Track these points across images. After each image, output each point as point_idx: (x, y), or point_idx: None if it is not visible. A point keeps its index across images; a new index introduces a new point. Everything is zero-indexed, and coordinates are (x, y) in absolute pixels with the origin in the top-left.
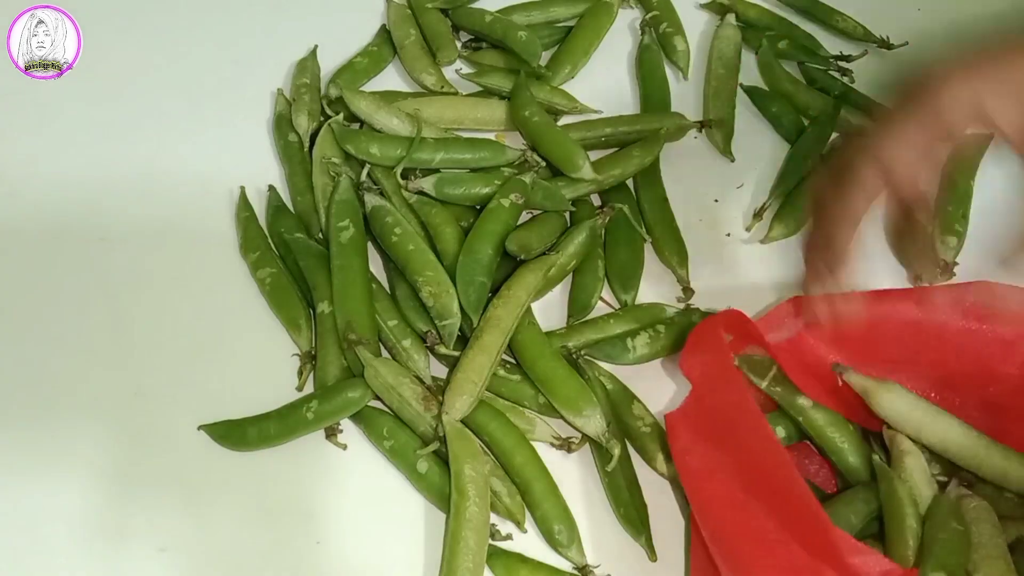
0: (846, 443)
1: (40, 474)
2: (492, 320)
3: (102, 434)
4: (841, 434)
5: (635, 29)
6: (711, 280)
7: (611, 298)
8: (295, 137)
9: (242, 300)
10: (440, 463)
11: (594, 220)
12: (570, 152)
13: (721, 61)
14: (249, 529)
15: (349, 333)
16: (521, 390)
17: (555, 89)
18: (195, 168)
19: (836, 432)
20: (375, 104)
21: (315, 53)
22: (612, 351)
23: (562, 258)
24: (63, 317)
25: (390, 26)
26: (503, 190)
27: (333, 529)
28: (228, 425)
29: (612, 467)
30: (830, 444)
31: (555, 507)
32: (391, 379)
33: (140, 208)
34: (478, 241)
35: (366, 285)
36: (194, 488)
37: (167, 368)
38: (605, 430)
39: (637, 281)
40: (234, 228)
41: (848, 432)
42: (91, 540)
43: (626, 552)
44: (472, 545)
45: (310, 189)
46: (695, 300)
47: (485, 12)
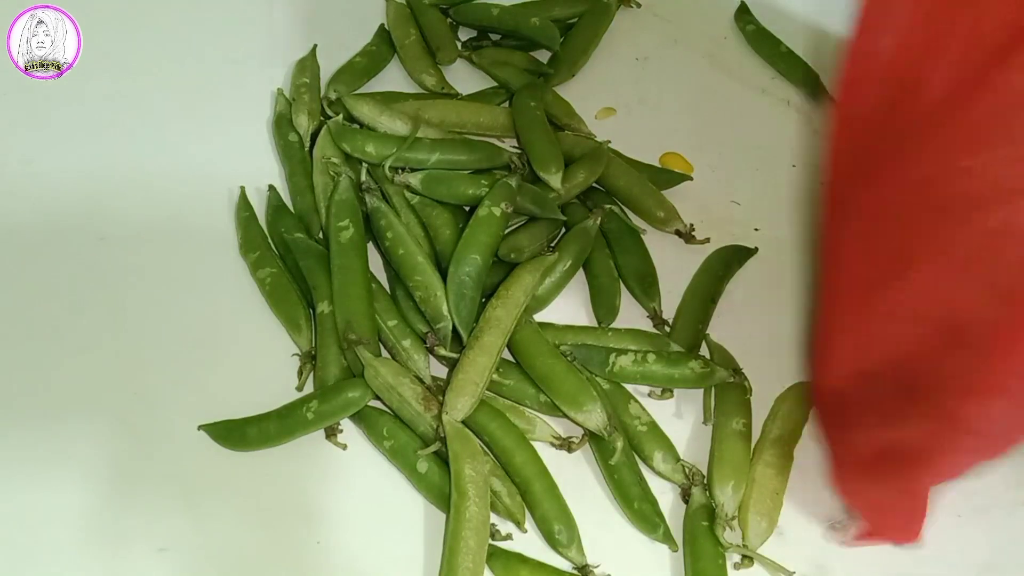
0: None
1: (40, 474)
2: (492, 321)
3: (102, 434)
4: None
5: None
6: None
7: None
8: (295, 137)
9: (242, 300)
10: (440, 463)
11: (587, 220)
12: (548, 157)
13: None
14: (249, 529)
15: (349, 333)
16: (522, 389)
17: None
18: (195, 168)
19: None
20: (377, 108)
21: (315, 53)
22: (592, 358)
23: (560, 259)
24: (63, 317)
25: (390, 26)
26: (492, 195)
27: (333, 529)
28: (228, 425)
29: (616, 460)
30: None
31: (555, 507)
32: (391, 379)
33: (140, 208)
34: (468, 252)
35: (366, 285)
36: (194, 488)
37: (167, 368)
38: (607, 424)
39: (656, 286)
40: (234, 228)
41: None
42: (91, 540)
43: (626, 552)
44: (472, 545)
45: (310, 189)
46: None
47: (491, 6)
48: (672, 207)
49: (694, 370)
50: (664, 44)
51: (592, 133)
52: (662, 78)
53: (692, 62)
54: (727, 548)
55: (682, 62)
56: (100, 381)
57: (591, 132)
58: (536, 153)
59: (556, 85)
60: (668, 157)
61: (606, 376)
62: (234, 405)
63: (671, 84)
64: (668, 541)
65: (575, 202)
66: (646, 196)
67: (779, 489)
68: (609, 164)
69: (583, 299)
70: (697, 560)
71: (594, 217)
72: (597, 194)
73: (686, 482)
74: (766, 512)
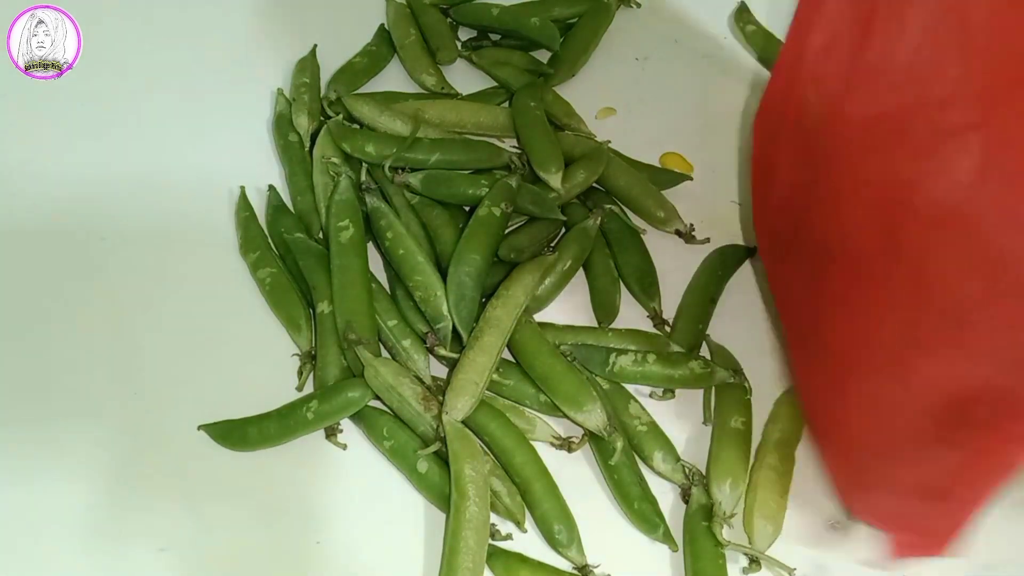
0: None
1: (40, 474)
2: (492, 321)
3: (102, 434)
4: None
5: (635, 29)
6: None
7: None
8: (295, 137)
9: (242, 300)
10: (440, 463)
11: (587, 220)
12: (548, 157)
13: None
14: (249, 529)
15: (349, 333)
16: (521, 389)
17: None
18: (195, 168)
19: None
20: (377, 108)
21: (315, 53)
22: (592, 358)
23: (560, 259)
24: (63, 317)
25: (389, 26)
26: (492, 195)
27: (333, 529)
28: (228, 425)
29: (616, 460)
30: None
31: (555, 507)
32: (391, 379)
33: (140, 208)
34: (468, 252)
35: (366, 285)
36: (194, 488)
37: (167, 368)
38: (607, 423)
39: (656, 286)
40: (234, 228)
41: None
42: (91, 540)
43: (626, 552)
44: (472, 545)
45: (310, 189)
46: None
47: (491, 6)
48: (672, 207)
49: (694, 370)
50: (664, 44)
51: (592, 133)
52: (662, 78)
53: (692, 62)
54: (725, 546)
55: (682, 62)
56: (100, 381)
57: (591, 132)
58: (536, 153)
59: (556, 85)
60: (668, 157)
61: (606, 376)
62: (234, 405)
63: (671, 84)
64: (668, 541)
65: (575, 202)
66: (646, 196)
67: (783, 492)
68: (609, 164)
69: (583, 299)
70: (697, 560)
71: (594, 217)
72: (597, 194)
73: (686, 482)
74: (771, 516)
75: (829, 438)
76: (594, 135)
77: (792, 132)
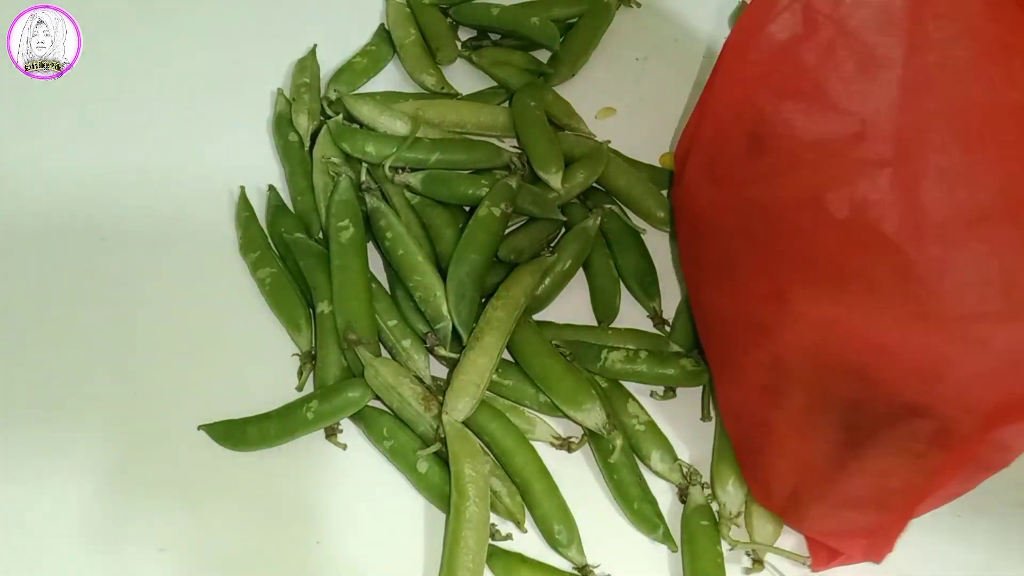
0: None
1: (40, 474)
2: (492, 322)
3: (102, 434)
4: None
5: (635, 28)
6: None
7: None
8: (295, 137)
9: (242, 300)
10: (440, 463)
11: (587, 220)
12: (548, 157)
13: None
14: (249, 529)
15: (349, 333)
16: (521, 389)
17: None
18: (195, 168)
19: None
20: (377, 108)
21: (315, 53)
22: (584, 353)
23: (560, 260)
24: (63, 317)
25: (389, 25)
26: (491, 196)
27: (333, 529)
28: (228, 425)
29: (615, 459)
30: None
31: (555, 507)
32: (391, 379)
33: (140, 208)
34: (468, 252)
35: (366, 285)
36: (194, 488)
37: (167, 368)
38: (606, 422)
39: (656, 286)
40: (234, 228)
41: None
42: (91, 540)
43: (626, 552)
44: (472, 545)
45: (310, 189)
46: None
47: (491, 6)
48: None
49: (686, 368)
50: (664, 44)
51: (592, 133)
52: (662, 78)
53: (692, 62)
54: (734, 546)
55: (682, 62)
56: (100, 381)
57: (591, 132)
58: (536, 153)
59: (556, 85)
60: (668, 157)
61: (598, 371)
62: (234, 405)
63: (671, 84)
64: (668, 541)
65: (575, 202)
66: (646, 196)
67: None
68: (609, 164)
69: (583, 299)
70: (696, 560)
71: (594, 217)
72: (597, 194)
73: (683, 482)
74: (771, 515)
75: (752, 458)
76: (594, 135)
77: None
